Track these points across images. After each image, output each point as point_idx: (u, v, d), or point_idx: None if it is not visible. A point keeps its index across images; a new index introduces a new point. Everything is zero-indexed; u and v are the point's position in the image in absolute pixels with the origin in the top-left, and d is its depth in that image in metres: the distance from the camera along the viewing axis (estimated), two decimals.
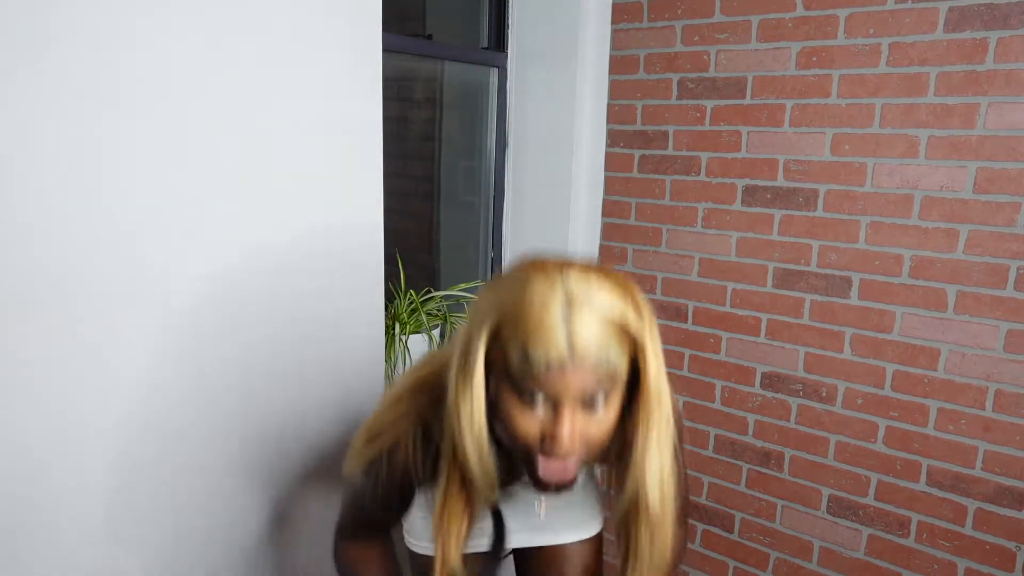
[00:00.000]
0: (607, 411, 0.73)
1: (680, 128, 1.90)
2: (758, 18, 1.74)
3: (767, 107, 1.75)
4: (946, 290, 1.58)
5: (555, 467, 0.74)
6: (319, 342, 1.40)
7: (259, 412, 1.30)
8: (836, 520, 1.78)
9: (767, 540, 1.89)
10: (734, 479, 1.92)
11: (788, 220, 1.77)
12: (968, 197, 1.53)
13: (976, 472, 1.59)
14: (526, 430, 0.72)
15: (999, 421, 1.55)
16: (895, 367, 1.66)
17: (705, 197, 1.89)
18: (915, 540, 1.68)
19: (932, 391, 1.62)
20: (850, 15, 1.61)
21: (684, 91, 1.88)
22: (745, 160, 1.81)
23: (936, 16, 1.52)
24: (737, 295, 1.87)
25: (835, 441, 1.76)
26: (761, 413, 1.86)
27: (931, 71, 1.54)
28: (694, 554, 2.01)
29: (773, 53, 1.73)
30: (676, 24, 1.87)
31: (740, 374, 1.89)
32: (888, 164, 1.61)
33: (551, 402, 0.71)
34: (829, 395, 1.76)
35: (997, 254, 1.52)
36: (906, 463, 1.67)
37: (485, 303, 0.74)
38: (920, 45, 1.54)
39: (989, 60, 1.47)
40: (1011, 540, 1.56)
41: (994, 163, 1.50)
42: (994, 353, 1.54)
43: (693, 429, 1.98)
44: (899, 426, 1.67)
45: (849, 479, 1.75)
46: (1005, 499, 1.56)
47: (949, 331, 1.59)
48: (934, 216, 1.58)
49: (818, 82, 1.68)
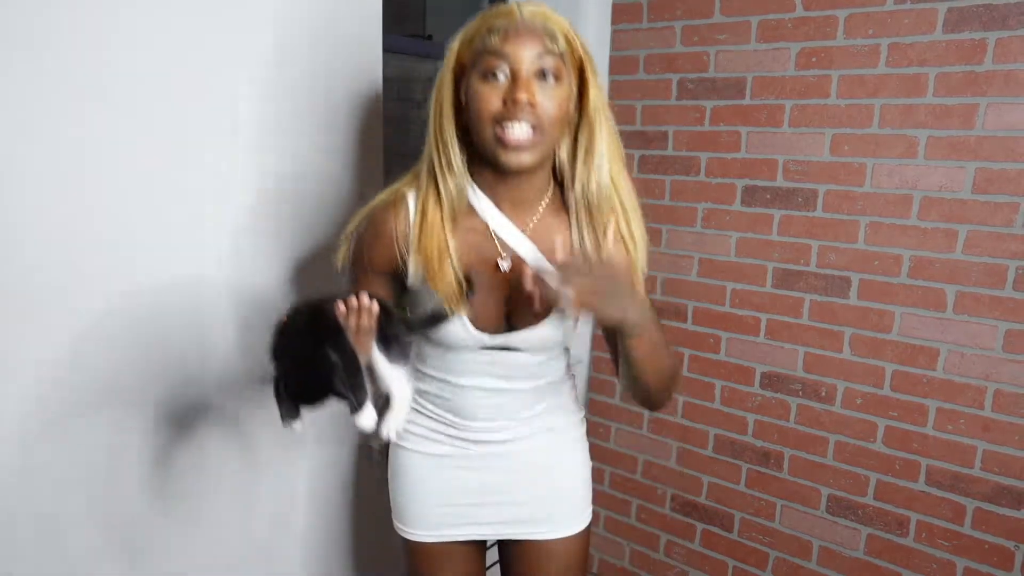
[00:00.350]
0: (556, 88, 0.89)
1: (680, 128, 1.91)
2: (758, 19, 1.74)
3: (767, 107, 1.76)
4: (945, 290, 1.58)
5: (516, 132, 0.88)
6: None
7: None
8: (835, 520, 1.79)
9: (766, 540, 1.89)
10: (733, 479, 1.93)
11: (787, 220, 1.77)
12: (967, 197, 1.54)
13: (975, 472, 1.59)
14: (490, 103, 0.88)
15: (998, 421, 1.55)
16: (894, 367, 1.67)
17: (705, 197, 1.89)
18: (914, 540, 1.68)
19: (931, 391, 1.63)
20: (849, 16, 1.62)
21: (684, 92, 1.89)
22: (745, 160, 1.81)
23: (935, 17, 1.52)
24: (737, 295, 1.87)
25: (834, 441, 1.76)
26: (760, 413, 1.87)
27: (930, 72, 1.54)
28: (694, 554, 2.01)
29: (772, 54, 1.73)
30: (676, 25, 1.87)
31: (740, 374, 1.89)
32: (887, 164, 1.62)
33: (511, 77, 0.88)
34: (828, 395, 1.76)
35: (996, 254, 1.52)
36: (905, 463, 1.68)
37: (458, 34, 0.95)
38: (919, 46, 1.54)
39: (988, 61, 1.48)
40: (1010, 539, 1.56)
41: (993, 163, 1.50)
42: (993, 353, 1.54)
43: (693, 429, 1.98)
44: (898, 426, 1.67)
45: (848, 479, 1.75)
46: (1004, 499, 1.56)
47: (948, 331, 1.59)
48: (933, 216, 1.58)
49: (817, 82, 1.68)
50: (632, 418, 2.08)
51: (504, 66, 0.88)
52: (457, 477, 1.12)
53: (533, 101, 0.87)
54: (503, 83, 0.88)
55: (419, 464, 1.14)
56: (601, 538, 2.19)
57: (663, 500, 2.05)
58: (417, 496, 1.15)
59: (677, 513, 2.03)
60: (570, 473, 1.18)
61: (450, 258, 0.96)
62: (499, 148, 0.90)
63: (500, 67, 0.88)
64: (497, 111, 0.88)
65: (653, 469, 2.06)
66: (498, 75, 0.88)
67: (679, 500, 2.03)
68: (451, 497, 1.13)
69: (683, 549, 2.03)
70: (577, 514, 1.17)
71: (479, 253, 0.99)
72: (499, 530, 1.15)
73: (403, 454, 1.16)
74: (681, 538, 2.03)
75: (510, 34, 0.88)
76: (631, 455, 2.10)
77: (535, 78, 0.88)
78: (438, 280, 0.96)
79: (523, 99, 0.86)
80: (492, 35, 0.88)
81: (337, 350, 0.75)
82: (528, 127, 0.88)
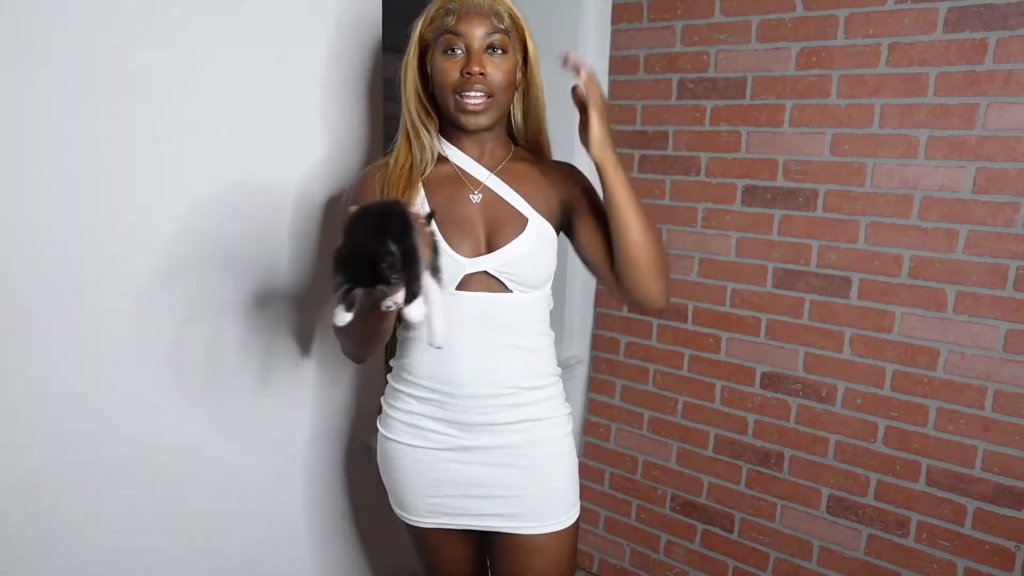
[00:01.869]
0: (503, 59, 1.07)
1: (680, 128, 1.91)
2: (758, 18, 1.74)
3: (767, 107, 1.76)
4: (945, 290, 1.58)
5: (473, 98, 1.06)
6: (320, 349, 1.40)
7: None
8: (836, 520, 1.78)
9: (767, 540, 1.89)
10: (734, 479, 1.92)
11: (788, 220, 1.77)
12: (967, 197, 1.54)
13: (975, 472, 1.59)
14: (451, 73, 1.06)
15: (998, 421, 1.55)
16: (895, 367, 1.66)
17: (705, 197, 1.89)
18: (914, 540, 1.68)
19: (932, 391, 1.62)
20: (850, 15, 1.61)
21: (684, 91, 1.89)
22: (745, 160, 1.81)
23: (936, 16, 1.52)
24: (737, 295, 1.87)
25: (835, 441, 1.76)
26: (761, 413, 1.87)
27: (930, 71, 1.54)
28: (694, 554, 2.01)
29: (773, 53, 1.73)
30: (676, 24, 1.87)
31: (740, 374, 1.89)
32: (888, 164, 1.62)
33: (465, 52, 1.06)
34: (829, 395, 1.76)
35: (996, 254, 1.52)
36: (905, 463, 1.67)
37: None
38: (919, 45, 1.54)
39: (988, 60, 1.48)
40: (1010, 540, 1.56)
41: (993, 163, 1.50)
42: (993, 353, 1.54)
43: (693, 429, 1.98)
44: (899, 426, 1.67)
45: (849, 479, 1.75)
46: (1004, 499, 1.56)
47: (948, 331, 1.59)
48: (933, 216, 1.58)
49: (818, 82, 1.68)
50: (632, 418, 2.08)
51: (460, 43, 1.06)
52: (446, 471, 1.15)
53: (484, 72, 1.05)
54: (460, 57, 1.06)
55: (407, 456, 1.17)
56: (601, 538, 2.19)
57: (663, 500, 2.05)
58: (406, 487, 1.18)
59: (677, 513, 2.03)
60: (557, 468, 1.19)
61: (412, 192, 1.10)
62: (459, 113, 1.08)
63: (457, 44, 1.06)
64: (456, 81, 1.06)
65: (653, 469, 2.06)
66: (456, 51, 1.06)
67: (679, 500, 2.02)
68: (440, 488, 1.16)
69: (683, 549, 2.03)
70: (563, 511, 1.18)
71: (452, 191, 1.12)
72: (486, 522, 1.17)
73: (392, 446, 1.18)
74: (681, 538, 2.03)
75: (463, 15, 1.06)
76: (631, 455, 2.10)
77: (485, 52, 1.06)
78: None
79: (476, 71, 1.04)
80: (449, 16, 1.06)
81: (400, 243, 0.84)
82: (482, 94, 1.06)
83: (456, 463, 1.15)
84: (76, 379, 1.04)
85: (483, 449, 1.14)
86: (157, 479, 1.18)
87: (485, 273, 1.09)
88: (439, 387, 1.13)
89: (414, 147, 1.13)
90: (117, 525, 1.13)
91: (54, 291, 1.00)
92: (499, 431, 1.13)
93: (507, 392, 1.12)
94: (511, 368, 1.13)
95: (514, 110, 1.18)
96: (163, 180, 1.10)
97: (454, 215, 1.10)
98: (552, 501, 1.17)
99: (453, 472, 1.15)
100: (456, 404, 1.12)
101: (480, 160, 1.14)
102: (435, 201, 1.11)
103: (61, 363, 1.02)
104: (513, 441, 1.14)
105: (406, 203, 0.93)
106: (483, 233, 1.11)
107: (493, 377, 1.11)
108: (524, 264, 1.10)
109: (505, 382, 1.12)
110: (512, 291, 1.11)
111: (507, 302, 1.11)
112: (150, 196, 1.09)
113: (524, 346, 1.13)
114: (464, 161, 1.14)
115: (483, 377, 1.11)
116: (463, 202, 1.11)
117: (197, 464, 1.23)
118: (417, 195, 1.11)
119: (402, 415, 1.17)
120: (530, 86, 1.15)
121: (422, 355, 1.14)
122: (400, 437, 1.17)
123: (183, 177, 1.12)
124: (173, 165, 1.10)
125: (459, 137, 1.14)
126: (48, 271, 0.99)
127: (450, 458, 1.15)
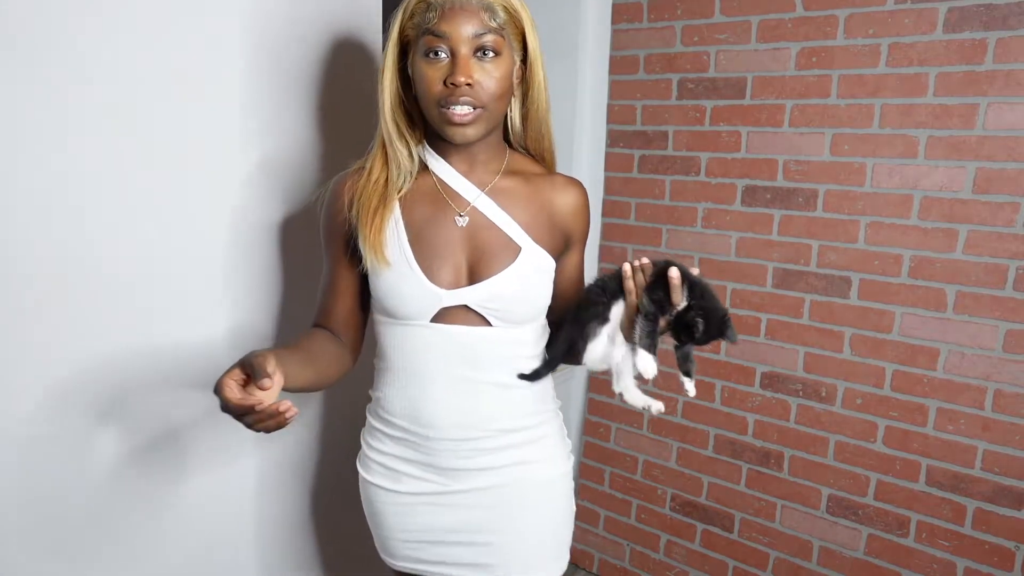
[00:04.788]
0: (496, 63, 0.90)
1: (680, 128, 1.91)
2: (758, 18, 1.74)
3: (767, 107, 1.76)
4: (945, 290, 1.58)
5: (459, 111, 0.90)
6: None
7: None
8: (835, 520, 1.78)
9: (767, 540, 1.89)
10: (734, 479, 1.92)
11: (788, 220, 1.77)
12: (967, 197, 1.54)
13: (975, 472, 1.59)
14: (433, 82, 0.90)
15: (998, 421, 1.55)
16: (894, 367, 1.66)
17: (705, 197, 1.89)
18: (914, 540, 1.68)
19: (931, 391, 1.63)
20: (850, 15, 1.62)
21: (684, 91, 1.89)
22: (745, 160, 1.81)
23: (935, 16, 1.52)
24: (737, 295, 1.87)
25: (834, 441, 1.76)
26: (761, 413, 1.87)
27: (930, 71, 1.54)
28: (694, 554, 2.01)
29: (773, 53, 1.73)
30: (676, 24, 1.87)
31: (740, 374, 1.89)
32: (887, 164, 1.62)
33: (451, 57, 0.89)
34: (829, 395, 1.76)
35: (996, 254, 1.52)
36: (905, 463, 1.67)
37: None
38: (919, 45, 1.54)
39: (988, 60, 1.48)
40: (1010, 540, 1.56)
41: (993, 163, 1.50)
42: (993, 353, 1.54)
43: (693, 429, 1.98)
44: (898, 426, 1.67)
45: (848, 479, 1.75)
46: (1004, 499, 1.56)
47: (948, 331, 1.59)
48: (933, 216, 1.58)
49: (818, 82, 1.68)
50: (632, 418, 2.08)
51: (443, 45, 0.89)
52: (424, 517, 1.05)
53: (471, 82, 0.88)
54: (444, 61, 0.90)
55: (386, 500, 1.07)
56: (601, 538, 2.19)
57: (663, 500, 2.05)
58: (385, 530, 1.09)
59: (677, 513, 2.03)
60: (547, 514, 1.07)
61: (386, 211, 0.97)
62: (445, 125, 0.92)
63: (439, 46, 0.89)
64: (439, 93, 0.90)
65: (653, 469, 2.06)
66: (439, 53, 0.89)
67: (679, 500, 2.02)
68: (419, 534, 1.07)
69: (683, 549, 2.03)
70: (550, 561, 1.08)
71: (434, 210, 0.98)
72: (467, 573, 1.07)
73: (371, 488, 1.08)
74: (681, 538, 2.03)
75: (447, 12, 0.88)
76: (631, 455, 2.10)
77: (474, 56, 0.89)
78: (366, 228, 0.95)
79: (461, 81, 0.87)
80: (430, 12, 0.89)
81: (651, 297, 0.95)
82: (469, 107, 0.90)
83: (436, 507, 1.04)
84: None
85: (464, 492, 1.03)
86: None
87: (464, 306, 0.96)
88: (413, 428, 1.01)
89: (390, 161, 0.98)
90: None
91: None
92: (483, 475, 1.02)
93: (489, 435, 1.00)
94: (494, 408, 1.00)
95: (511, 113, 1.02)
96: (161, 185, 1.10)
97: (434, 239, 0.97)
98: (537, 552, 1.06)
99: (432, 518, 1.04)
100: (432, 447, 1.00)
101: (469, 175, 0.99)
102: (413, 221, 0.98)
103: None
104: (498, 483, 1.02)
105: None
106: (466, 261, 0.97)
107: (472, 419, 0.99)
108: (511, 300, 0.97)
109: (486, 423, 0.99)
110: (495, 326, 0.98)
111: (489, 338, 0.98)
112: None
113: (509, 384, 1.00)
114: (450, 176, 0.99)
115: (460, 419, 0.99)
116: (445, 225, 0.97)
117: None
118: (391, 215, 0.97)
119: (377, 455, 1.06)
120: (530, 87, 0.99)
121: (394, 390, 1.02)
122: (377, 480, 1.07)
123: (179, 180, 1.12)
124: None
125: (446, 147, 0.99)
126: None
127: (429, 502, 1.04)
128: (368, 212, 0.96)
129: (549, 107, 1.02)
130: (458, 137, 0.93)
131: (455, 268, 0.97)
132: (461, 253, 0.97)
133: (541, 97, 1.00)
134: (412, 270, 0.96)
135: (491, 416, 1.00)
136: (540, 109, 1.01)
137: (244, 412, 0.76)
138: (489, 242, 0.97)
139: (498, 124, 0.98)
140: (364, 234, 0.96)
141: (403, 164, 0.98)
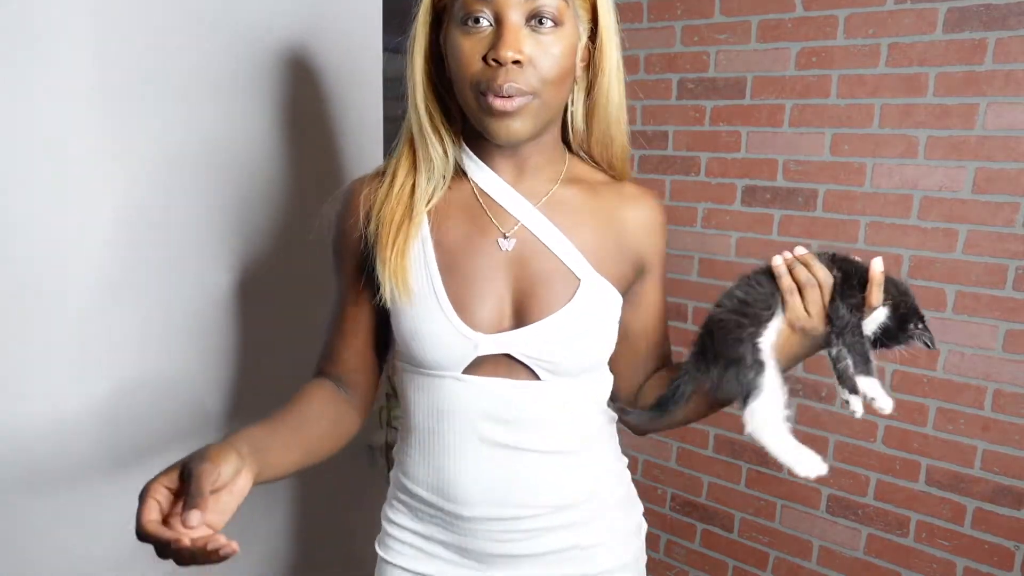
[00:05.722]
0: (556, 36, 0.69)
1: (680, 128, 1.91)
2: (758, 18, 1.74)
3: (767, 107, 1.76)
4: (945, 290, 1.58)
5: (503, 101, 0.69)
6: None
7: None
8: (835, 519, 1.78)
9: (766, 539, 1.89)
10: (733, 479, 1.92)
11: (788, 220, 1.77)
12: (967, 197, 1.54)
13: (975, 472, 1.59)
14: (469, 56, 0.69)
15: (998, 421, 1.55)
16: (894, 367, 1.67)
17: (705, 197, 1.89)
18: (914, 539, 1.68)
19: (931, 391, 1.63)
20: (849, 15, 1.62)
21: (684, 91, 1.89)
22: (745, 160, 1.81)
23: (935, 17, 1.52)
24: None
25: (834, 440, 1.76)
26: None
27: (930, 71, 1.54)
28: (694, 554, 2.01)
29: (773, 53, 1.73)
30: (676, 24, 1.87)
31: None
32: (887, 164, 1.62)
33: (495, 26, 0.69)
34: (828, 395, 1.76)
35: (996, 254, 1.52)
36: (905, 463, 1.68)
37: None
38: (919, 45, 1.54)
39: (988, 61, 1.48)
40: (1010, 540, 1.56)
41: (993, 163, 1.50)
42: (993, 353, 1.54)
43: (693, 429, 1.98)
44: (898, 426, 1.67)
45: (848, 479, 1.75)
46: (1004, 499, 1.56)
47: (948, 331, 1.59)
48: (933, 216, 1.58)
49: (818, 82, 1.68)
50: None
51: (486, 10, 0.68)
52: None
53: (520, 58, 0.67)
54: (486, 31, 0.69)
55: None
56: None
57: (663, 500, 2.05)
58: None
59: (677, 513, 2.03)
60: None
61: (412, 228, 0.77)
62: (485, 117, 0.71)
63: (481, 11, 0.68)
64: (477, 73, 0.69)
65: (653, 469, 2.06)
66: (480, 20, 0.68)
67: (679, 500, 2.03)
68: None
69: (683, 549, 2.03)
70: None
71: (472, 230, 0.78)
72: None
73: (387, 570, 0.88)
74: (681, 538, 2.03)
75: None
76: (631, 455, 2.09)
77: (527, 25, 0.68)
78: (387, 250, 0.76)
79: (508, 57, 0.66)
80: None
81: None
82: (517, 93, 0.69)
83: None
84: None
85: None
86: None
87: (507, 355, 0.76)
88: (439, 503, 0.81)
89: (419, 161, 0.77)
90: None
91: None
92: (527, 564, 0.81)
93: (534, 514, 0.79)
94: (539, 480, 0.79)
95: (572, 108, 0.80)
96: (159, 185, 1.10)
97: (470, 266, 0.76)
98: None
99: None
100: (465, 527, 0.80)
101: (518, 185, 0.78)
102: (445, 242, 0.77)
103: None
104: (556, 572, 0.83)
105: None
106: (510, 297, 0.77)
107: (511, 495, 0.78)
108: (566, 348, 0.76)
109: (530, 501, 0.79)
110: (543, 379, 0.77)
111: (536, 395, 0.77)
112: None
113: (560, 449, 0.80)
114: (494, 185, 0.78)
115: (496, 495, 0.78)
116: (486, 248, 0.77)
117: None
118: (417, 232, 0.77)
119: (399, 531, 0.87)
120: (599, 74, 0.76)
121: (418, 455, 0.82)
122: (398, 560, 0.87)
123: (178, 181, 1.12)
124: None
125: (488, 149, 0.78)
126: None
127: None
128: (389, 228, 0.76)
129: (624, 102, 0.79)
130: (502, 133, 0.71)
131: (496, 306, 0.76)
132: (504, 286, 0.77)
133: (614, 89, 0.77)
134: (441, 307, 0.75)
135: (535, 490, 0.79)
136: (612, 103, 0.78)
137: (162, 544, 0.55)
138: (541, 273, 0.76)
139: (555, 119, 0.77)
140: (383, 257, 0.76)
141: (436, 164, 0.77)
